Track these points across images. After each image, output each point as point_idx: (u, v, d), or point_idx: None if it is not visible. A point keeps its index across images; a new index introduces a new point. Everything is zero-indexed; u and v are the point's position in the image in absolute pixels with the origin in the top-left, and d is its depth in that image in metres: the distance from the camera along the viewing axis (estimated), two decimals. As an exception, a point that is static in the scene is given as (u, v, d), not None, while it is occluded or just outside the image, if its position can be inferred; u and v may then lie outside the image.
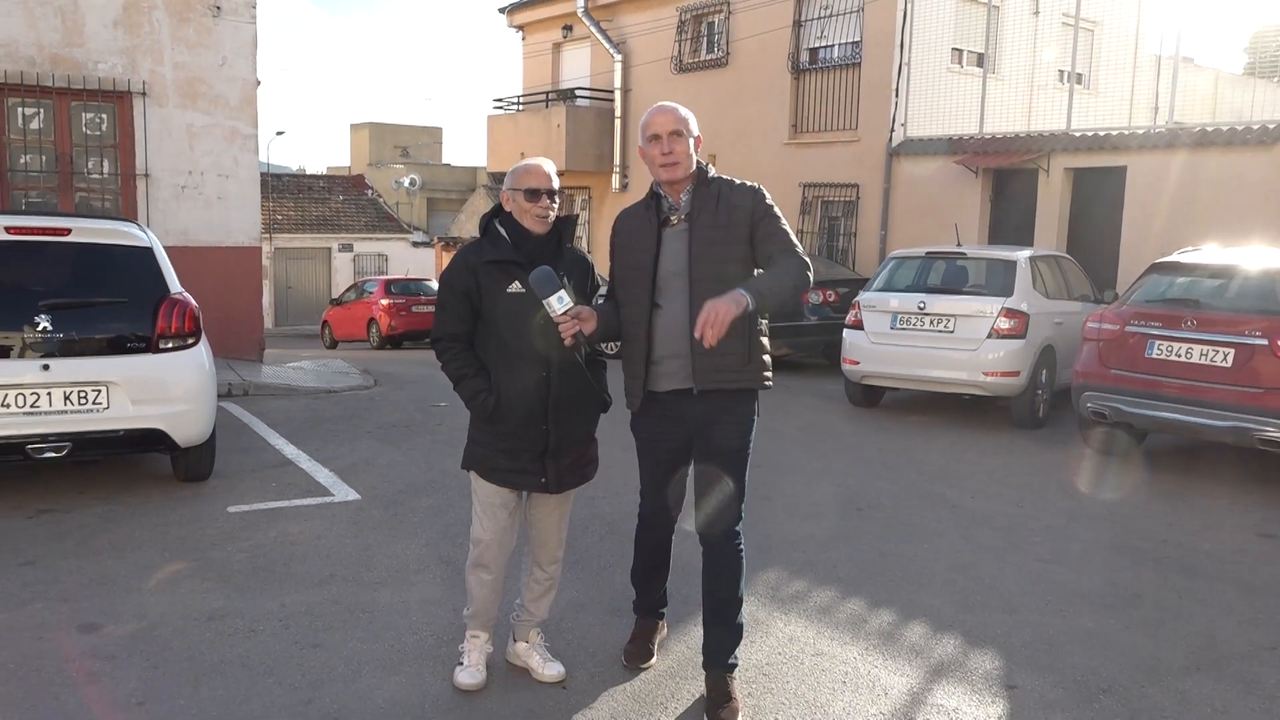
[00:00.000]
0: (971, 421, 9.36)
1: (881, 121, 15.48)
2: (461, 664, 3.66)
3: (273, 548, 5.15)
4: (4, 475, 6.29)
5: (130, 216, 10.24)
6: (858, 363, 9.62)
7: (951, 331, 9.01)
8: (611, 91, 20.25)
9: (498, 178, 34.67)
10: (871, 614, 4.51)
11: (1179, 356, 7.05)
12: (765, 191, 3.49)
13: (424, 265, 32.85)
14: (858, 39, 15.99)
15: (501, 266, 3.42)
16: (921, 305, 9.16)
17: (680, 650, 4.02)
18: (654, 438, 3.57)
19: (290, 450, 7.41)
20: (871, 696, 3.69)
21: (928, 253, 9.96)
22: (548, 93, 21.71)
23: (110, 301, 5.87)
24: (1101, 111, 16.82)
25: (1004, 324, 8.83)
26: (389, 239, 37.15)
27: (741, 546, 3.52)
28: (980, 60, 16.36)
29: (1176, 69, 17.42)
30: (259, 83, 11.66)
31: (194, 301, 6.15)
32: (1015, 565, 5.21)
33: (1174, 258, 7.84)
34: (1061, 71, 17.72)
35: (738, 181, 3.49)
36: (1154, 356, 7.18)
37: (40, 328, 5.55)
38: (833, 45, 16.48)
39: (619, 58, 19.95)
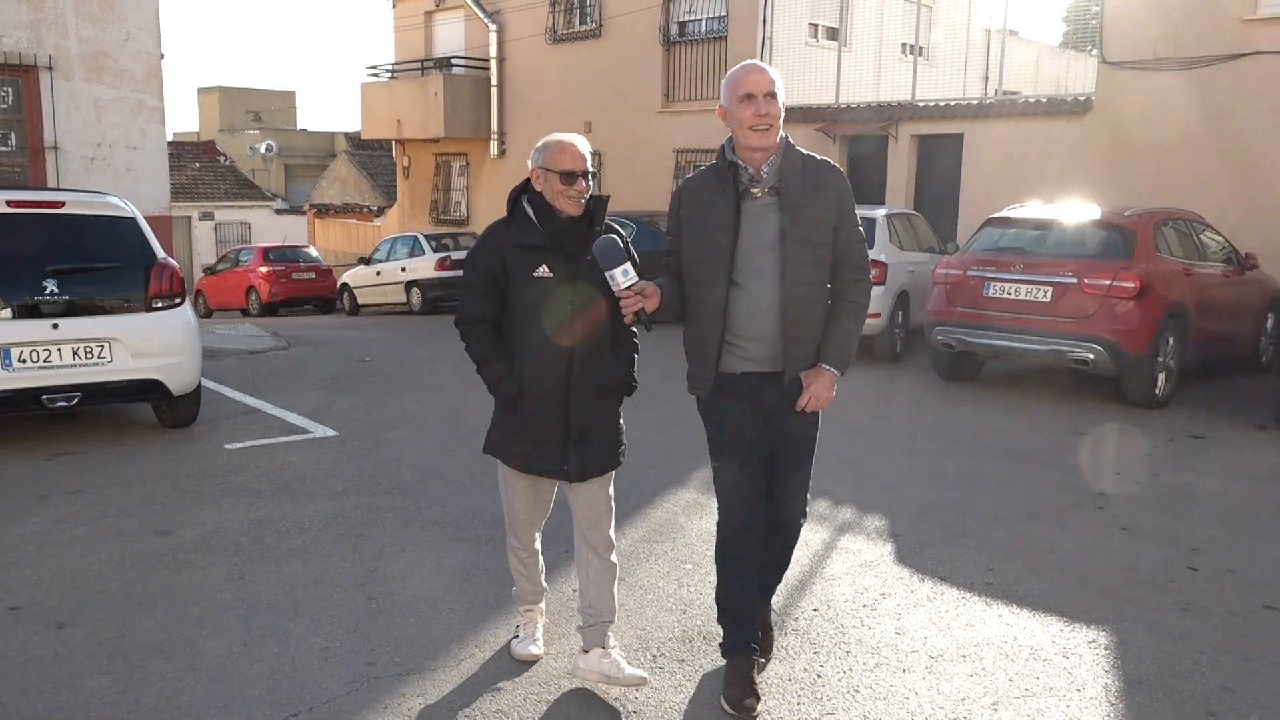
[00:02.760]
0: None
1: (747, 91, 16.80)
2: (519, 637, 3.71)
3: (283, 472, 6.04)
4: (2, 429, 6.89)
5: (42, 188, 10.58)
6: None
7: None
8: (487, 61, 20.94)
9: (361, 144, 34.70)
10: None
11: (1009, 295, 8.59)
12: (843, 173, 3.39)
13: (292, 233, 32.62)
14: (724, 14, 17.25)
15: (530, 250, 3.29)
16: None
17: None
18: (738, 427, 3.30)
19: (251, 401, 8.18)
20: (796, 556, 4.93)
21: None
22: (423, 61, 22.20)
23: (107, 266, 6.55)
24: (940, 82, 18.61)
25: (867, 273, 10.25)
26: (251, 207, 36.57)
27: None
28: (835, 35, 17.88)
29: (1005, 43, 19.40)
30: (163, 56, 12.01)
31: (178, 265, 6.88)
32: (889, 459, 6.58)
33: (1005, 213, 9.40)
34: (904, 45, 19.47)
35: (818, 156, 3.31)
36: (990, 295, 8.70)
37: (48, 291, 6.22)
38: (700, 19, 17.70)
39: (494, 27, 20.64)
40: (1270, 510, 5.65)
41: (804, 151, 3.27)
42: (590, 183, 3.33)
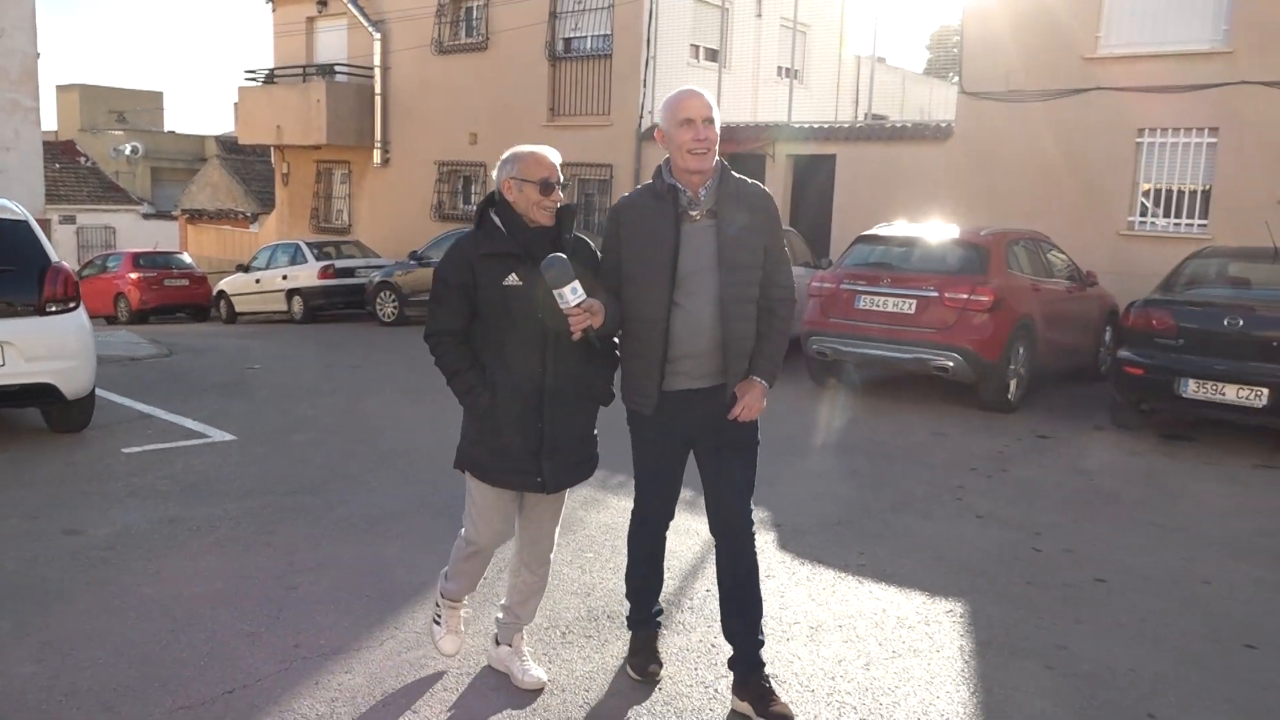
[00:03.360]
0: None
1: (632, 108, 17.33)
2: (440, 626, 3.71)
3: (186, 474, 6.13)
4: (-122, 434, 6.74)
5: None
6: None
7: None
8: (371, 69, 20.89)
9: (233, 148, 33.82)
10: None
11: (878, 307, 9.24)
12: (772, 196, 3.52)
13: (161, 238, 31.59)
14: (608, 32, 17.71)
15: (499, 259, 3.28)
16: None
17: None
18: (664, 437, 3.46)
19: (141, 406, 8.15)
20: (690, 542, 5.34)
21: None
22: (305, 66, 21.98)
23: (1, 270, 6.50)
24: (814, 104, 19.53)
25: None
26: (116, 210, 35.26)
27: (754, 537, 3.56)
28: (715, 56, 18.57)
29: (874, 69, 20.48)
30: (39, 55, 11.74)
31: (72, 269, 6.87)
32: (768, 459, 7.07)
33: (874, 231, 10.08)
34: (780, 67, 20.34)
35: (749, 180, 3.45)
36: (860, 307, 9.34)
37: (-60, 294, 6.16)
38: (586, 36, 18.12)
39: (378, 36, 20.62)
40: (1104, 499, 6.35)
41: (737, 175, 3.40)
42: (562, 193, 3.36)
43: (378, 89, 20.86)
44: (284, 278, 18.67)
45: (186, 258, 24.01)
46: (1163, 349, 7.88)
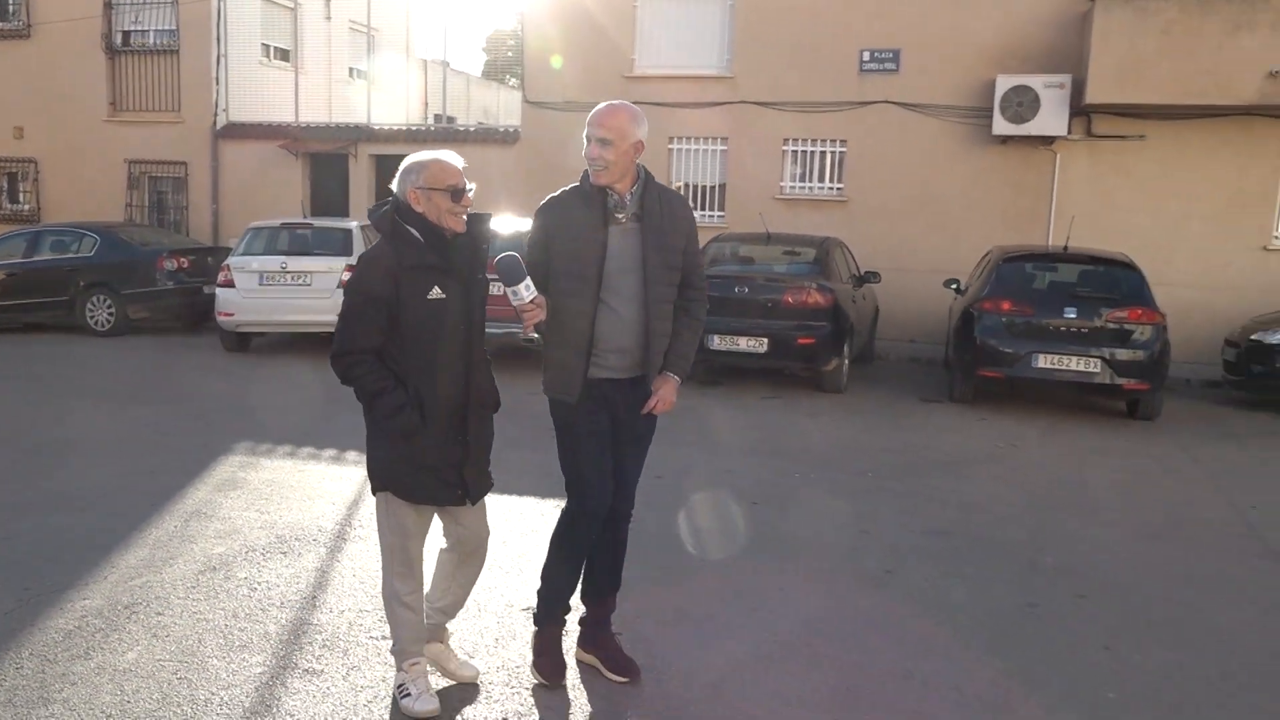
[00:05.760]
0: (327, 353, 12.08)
1: (205, 106, 17.19)
2: (410, 694, 3.47)
3: None
4: None
5: None
6: (232, 315, 11.72)
7: (309, 284, 11.64)
8: (-121, 51, 18.47)
9: None
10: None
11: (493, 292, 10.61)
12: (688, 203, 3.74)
13: None
14: (174, 27, 17.37)
15: (423, 272, 3.24)
16: (283, 265, 11.62)
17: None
18: (594, 421, 3.56)
19: None
20: (539, 526, 6.34)
21: (283, 223, 12.42)
22: None
23: None
24: (390, 106, 20.48)
25: (348, 276, 11.67)
26: None
27: None
28: (287, 56, 18.86)
29: (446, 73, 21.86)
30: None
31: None
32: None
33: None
34: (352, 69, 21.04)
35: (669, 188, 3.72)
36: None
37: None
38: (149, 31, 17.60)
39: (-114, 15, 18.30)
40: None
41: (659, 183, 3.63)
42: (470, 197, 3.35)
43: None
44: None
45: None
46: (695, 314, 10.08)
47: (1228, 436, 9.05)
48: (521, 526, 5.55)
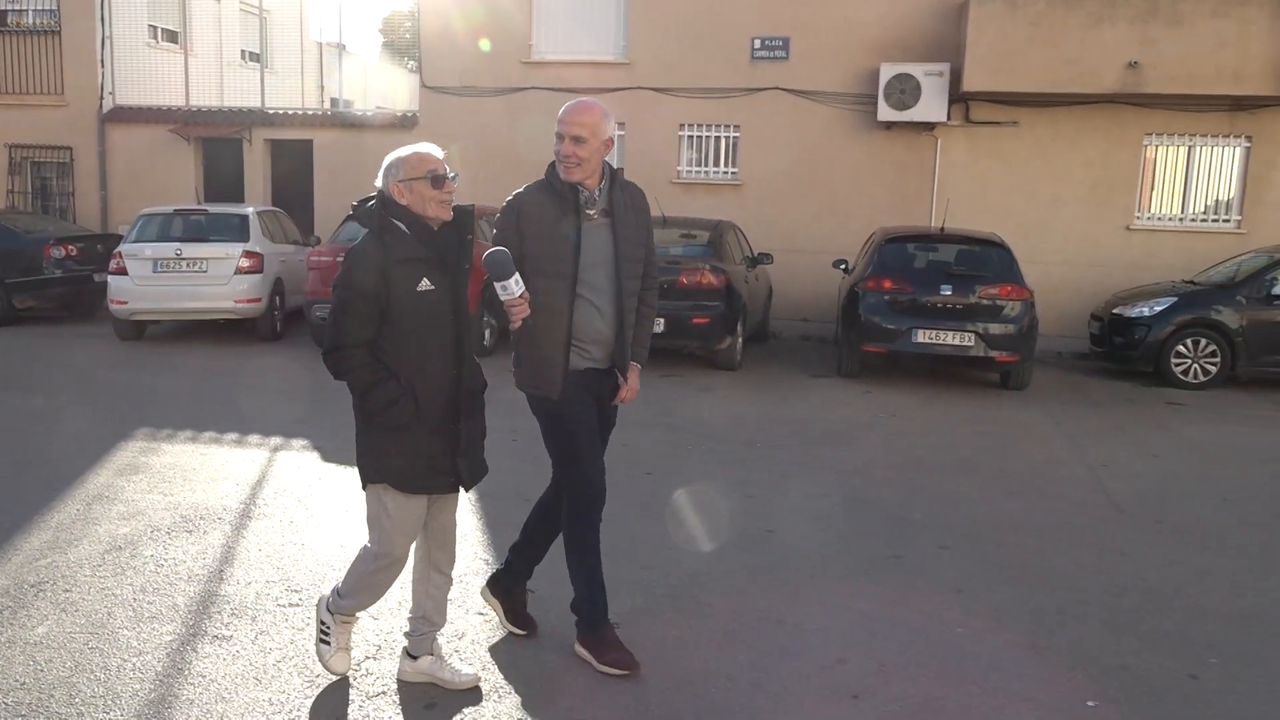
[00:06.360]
0: (228, 339, 12.02)
1: (89, 88, 16.73)
2: (329, 644, 3.62)
3: None
4: None
5: None
6: (126, 302, 11.55)
7: (205, 271, 11.55)
8: None
9: None
10: (221, 436, 7.20)
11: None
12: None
13: None
14: (54, 6, 16.84)
15: (412, 264, 3.29)
16: (178, 251, 11.50)
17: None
18: (585, 414, 3.69)
19: None
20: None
21: (176, 209, 12.26)
22: None
23: None
24: (285, 90, 20.16)
25: (245, 263, 11.64)
26: None
27: None
28: (175, 38, 18.43)
29: (341, 56, 21.61)
30: None
31: None
32: (280, 414, 8.28)
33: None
34: (244, 51, 20.65)
35: (632, 183, 3.80)
36: (356, 277, 10.72)
37: None
38: (26, 10, 17.02)
39: None
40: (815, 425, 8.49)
41: (624, 179, 3.77)
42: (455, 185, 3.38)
43: None
44: None
45: None
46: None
47: (1089, 403, 9.75)
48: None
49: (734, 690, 3.66)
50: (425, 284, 3.29)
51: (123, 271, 11.56)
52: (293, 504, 5.70)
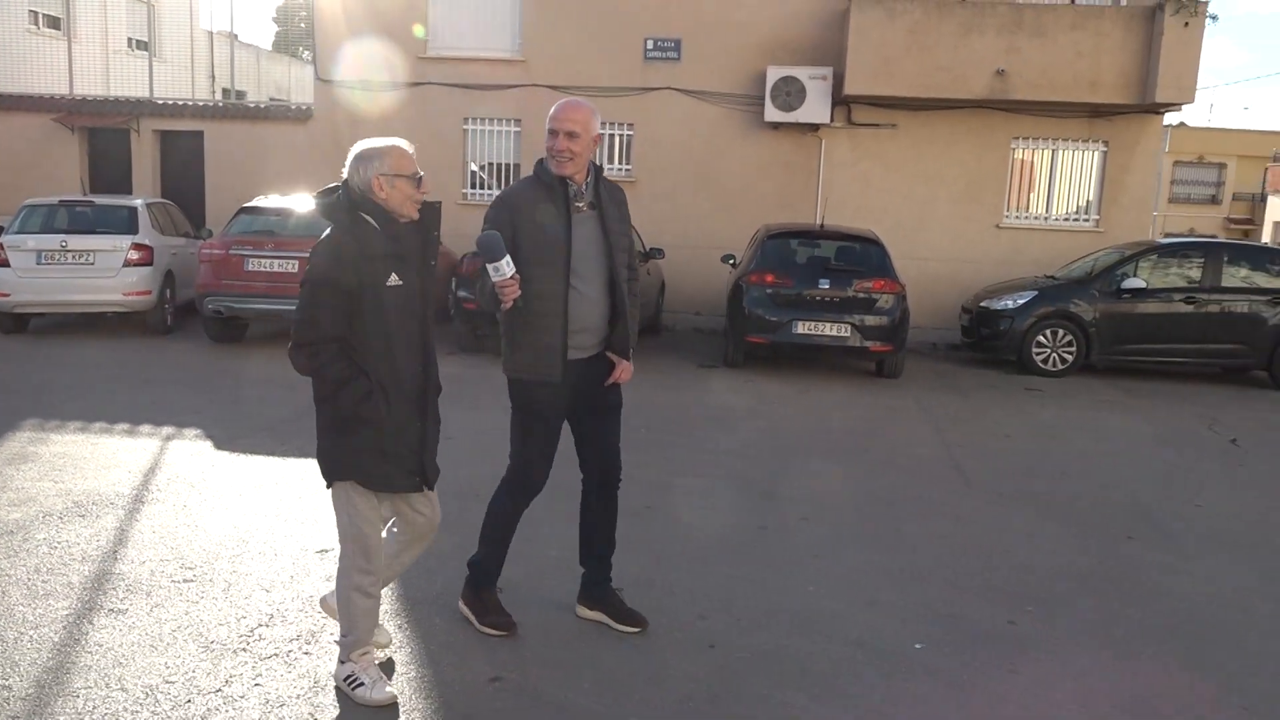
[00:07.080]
0: (118, 332, 11.90)
1: (-34, 75, 16.22)
2: (364, 684, 3.46)
3: None
4: None
5: None
6: (8, 295, 11.34)
7: (92, 264, 11.42)
8: None
9: None
10: (112, 426, 7.26)
11: (265, 268, 10.77)
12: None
13: None
14: (-74, -10, 16.28)
15: (383, 259, 3.29)
16: (64, 243, 11.34)
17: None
18: (556, 407, 3.86)
19: None
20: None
21: (60, 200, 12.06)
22: None
23: None
24: (172, 80, 19.82)
25: (134, 255, 11.54)
26: None
27: None
28: (57, 24, 17.96)
29: (234, 46, 21.28)
30: None
31: None
32: (156, 403, 8.35)
33: (254, 203, 11.53)
34: (131, 39, 20.20)
35: (610, 178, 4.02)
36: (250, 269, 10.78)
37: None
38: (-104, -8, 16.41)
39: None
40: (700, 411, 8.75)
41: (605, 176, 3.97)
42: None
43: None
44: None
45: None
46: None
47: (954, 390, 10.43)
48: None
49: (604, 643, 4.02)
50: (394, 279, 3.31)
51: (4, 263, 11.35)
52: (186, 489, 5.86)
